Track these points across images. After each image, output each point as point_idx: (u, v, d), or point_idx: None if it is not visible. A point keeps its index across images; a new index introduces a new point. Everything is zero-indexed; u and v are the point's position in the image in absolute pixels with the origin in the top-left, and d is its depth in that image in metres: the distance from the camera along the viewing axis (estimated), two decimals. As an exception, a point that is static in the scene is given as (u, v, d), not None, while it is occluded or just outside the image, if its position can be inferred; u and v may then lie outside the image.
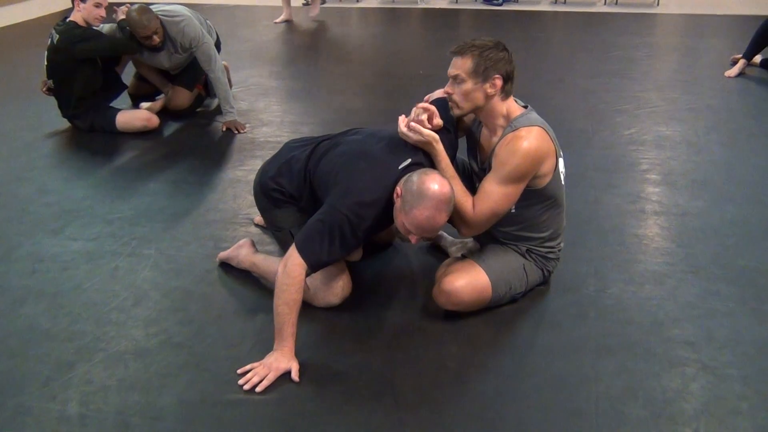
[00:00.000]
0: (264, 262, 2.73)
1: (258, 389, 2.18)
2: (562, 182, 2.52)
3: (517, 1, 9.05)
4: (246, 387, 2.19)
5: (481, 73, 2.34)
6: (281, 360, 2.25)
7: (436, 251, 2.96)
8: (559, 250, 2.65)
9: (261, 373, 2.22)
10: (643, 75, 5.69)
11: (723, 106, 4.88)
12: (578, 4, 8.81)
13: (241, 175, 3.80)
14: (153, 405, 2.13)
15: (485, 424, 2.05)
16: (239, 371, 2.25)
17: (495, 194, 2.37)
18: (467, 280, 2.47)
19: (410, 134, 2.38)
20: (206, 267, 2.89)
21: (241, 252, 2.82)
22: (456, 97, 2.40)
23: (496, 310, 2.55)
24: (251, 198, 3.47)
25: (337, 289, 2.55)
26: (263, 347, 2.36)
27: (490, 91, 2.36)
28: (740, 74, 5.56)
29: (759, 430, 2.01)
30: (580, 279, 2.77)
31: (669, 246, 3.02)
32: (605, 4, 8.80)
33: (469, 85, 2.35)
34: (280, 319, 2.26)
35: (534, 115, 2.43)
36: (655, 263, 2.88)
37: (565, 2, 8.91)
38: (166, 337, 2.45)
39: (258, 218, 3.24)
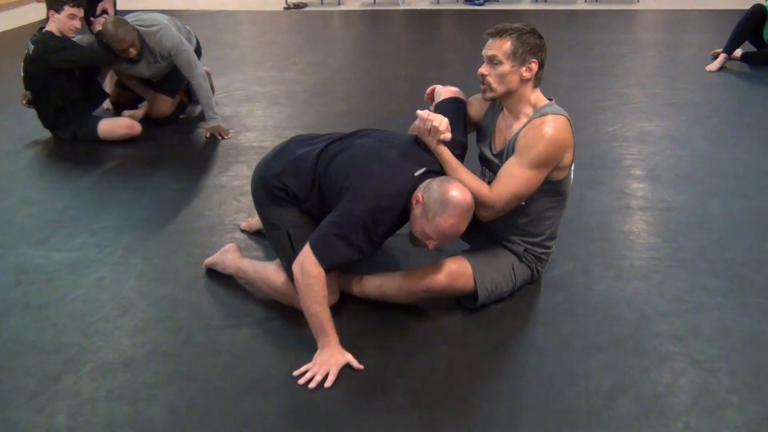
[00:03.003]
0: (251, 267, 2.71)
1: (327, 384, 2.19)
2: (571, 180, 2.54)
3: (498, 1, 9.07)
4: (311, 386, 2.19)
5: (519, 56, 2.34)
6: (335, 354, 2.27)
7: (427, 254, 2.94)
8: (551, 252, 2.66)
9: (322, 371, 2.23)
10: (626, 71, 5.72)
11: (705, 101, 4.92)
12: (559, 2, 8.85)
13: (226, 181, 3.78)
14: (142, 416, 2.11)
15: (477, 424, 2.05)
16: (295, 374, 2.24)
17: (519, 177, 2.37)
18: (451, 271, 2.47)
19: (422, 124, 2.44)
20: (193, 274, 2.87)
21: (227, 257, 2.80)
22: (491, 79, 2.39)
23: (485, 310, 2.55)
24: (237, 204, 3.47)
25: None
26: (253, 355, 2.35)
27: (525, 75, 2.37)
28: (721, 68, 5.60)
29: (748, 422, 2.01)
30: (568, 276, 2.77)
31: (655, 241, 3.03)
32: (585, 1, 8.84)
33: (506, 67, 2.35)
34: (316, 319, 2.27)
35: (559, 107, 2.44)
36: (642, 259, 2.89)
37: (546, 0, 8.94)
38: (154, 346, 2.43)
39: (245, 224, 3.22)
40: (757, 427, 2.00)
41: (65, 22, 4.19)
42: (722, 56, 5.67)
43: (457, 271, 2.48)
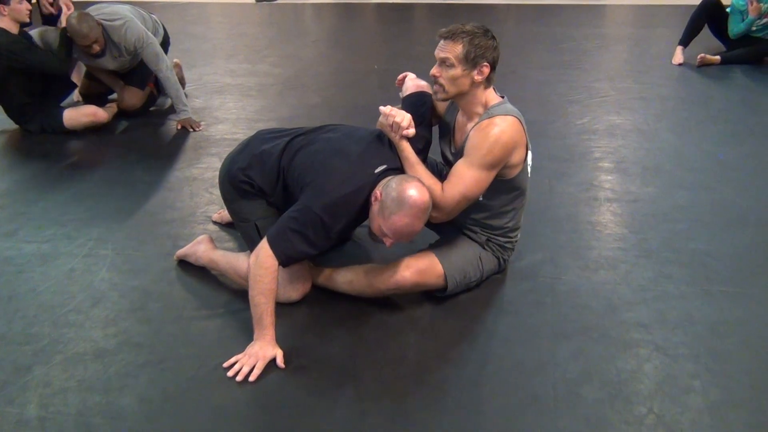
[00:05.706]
0: (223, 258, 2.72)
1: (251, 378, 2.20)
2: (529, 174, 2.56)
3: (470, -5, 9.11)
4: (238, 378, 2.20)
5: (470, 60, 2.33)
6: (266, 348, 2.27)
7: (398, 245, 2.97)
8: (516, 240, 2.69)
9: (249, 363, 2.24)
10: (595, 65, 5.79)
11: (672, 95, 5.00)
12: (530, -4, 8.91)
13: (198, 173, 3.77)
14: (114, 405, 2.11)
15: (446, 412, 2.08)
16: (225, 365, 2.26)
17: (467, 178, 2.39)
18: (420, 269, 2.50)
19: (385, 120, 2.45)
20: (164, 266, 2.86)
21: (200, 248, 2.80)
22: (442, 81, 2.38)
23: (454, 300, 2.59)
24: (208, 196, 3.47)
25: (297, 284, 2.56)
26: (224, 345, 2.36)
27: (477, 78, 2.36)
28: (685, 62, 5.69)
29: (710, 406, 2.07)
30: (536, 267, 2.81)
31: (622, 232, 3.08)
32: (556, -4, 8.91)
33: (457, 70, 2.34)
34: (258, 310, 2.28)
35: (510, 106, 2.45)
36: (609, 249, 2.94)
37: (517, -5, 8.99)
38: (126, 337, 2.43)
39: (216, 215, 3.22)
40: (718, 410, 2.05)
41: (18, 9, 4.11)
42: (679, 48, 5.78)
43: (425, 270, 2.51)
